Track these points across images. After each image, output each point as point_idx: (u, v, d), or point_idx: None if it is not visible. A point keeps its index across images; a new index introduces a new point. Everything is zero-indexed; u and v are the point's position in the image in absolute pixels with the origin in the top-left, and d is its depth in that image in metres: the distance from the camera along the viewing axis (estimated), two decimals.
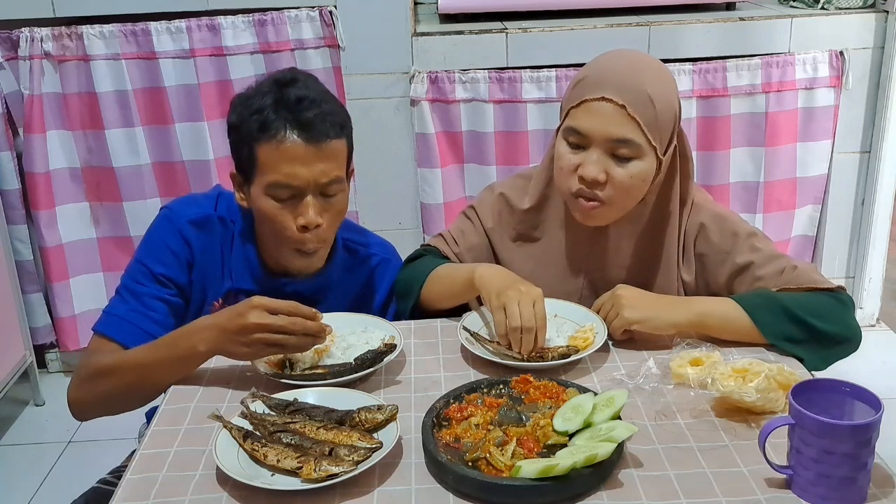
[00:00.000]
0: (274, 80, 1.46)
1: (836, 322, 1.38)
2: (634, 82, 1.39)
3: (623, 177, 1.41)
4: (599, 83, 1.40)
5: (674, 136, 1.45)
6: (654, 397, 1.27)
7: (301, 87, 1.43)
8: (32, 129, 2.65)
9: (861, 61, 2.77)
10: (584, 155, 1.42)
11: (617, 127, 1.39)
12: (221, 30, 2.63)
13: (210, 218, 1.55)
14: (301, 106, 1.41)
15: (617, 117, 1.38)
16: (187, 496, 1.11)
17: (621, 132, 1.39)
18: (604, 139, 1.40)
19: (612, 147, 1.40)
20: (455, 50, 2.68)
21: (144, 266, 1.51)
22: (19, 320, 2.75)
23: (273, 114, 1.41)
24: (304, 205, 1.43)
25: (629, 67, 1.42)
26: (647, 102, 1.38)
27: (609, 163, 1.41)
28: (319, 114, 1.42)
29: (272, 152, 1.41)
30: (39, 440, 2.67)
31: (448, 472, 1.09)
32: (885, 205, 2.92)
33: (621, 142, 1.39)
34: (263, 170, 1.42)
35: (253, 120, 1.42)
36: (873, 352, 2.89)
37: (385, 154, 2.77)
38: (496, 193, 1.63)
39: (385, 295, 1.67)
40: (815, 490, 1.04)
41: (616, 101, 1.38)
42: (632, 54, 1.49)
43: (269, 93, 1.43)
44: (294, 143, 1.40)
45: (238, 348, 1.31)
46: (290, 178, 1.41)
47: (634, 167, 1.41)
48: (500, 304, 1.36)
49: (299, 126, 1.40)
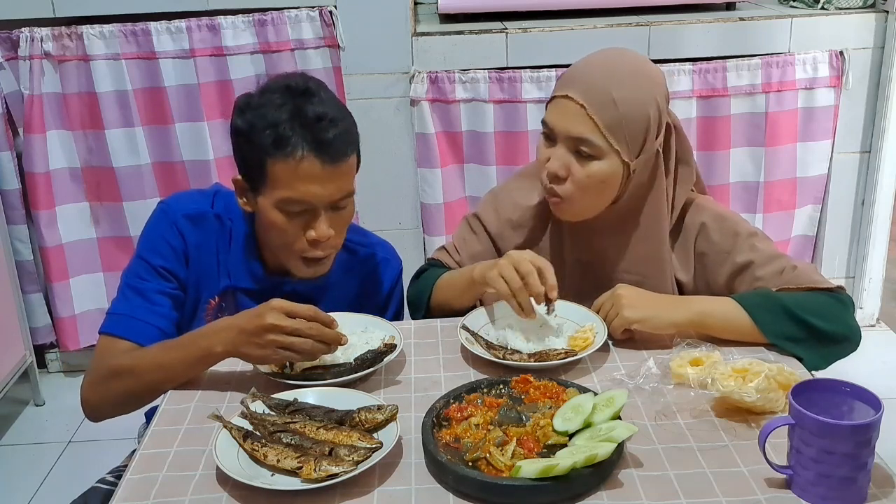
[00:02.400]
0: (286, 87, 1.41)
1: (835, 321, 1.38)
2: (602, 84, 1.41)
3: (580, 174, 1.44)
4: (570, 81, 1.45)
5: (648, 141, 1.45)
6: (654, 397, 1.27)
7: (318, 103, 1.40)
8: (32, 129, 2.65)
9: (861, 61, 2.77)
10: (552, 150, 1.46)
11: (575, 125, 1.42)
12: (221, 30, 2.63)
13: (206, 214, 1.55)
14: (320, 125, 1.38)
15: (577, 116, 1.42)
16: (187, 496, 1.11)
17: (579, 131, 1.42)
18: (565, 136, 1.44)
19: (573, 144, 1.43)
20: (455, 50, 2.68)
21: (144, 261, 1.51)
22: (19, 320, 2.75)
23: (290, 130, 1.37)
24: (318, 221, 1.42)
25: (604, 67, 1.44)
26: (610, 105, 1.40)
27: (571, 159, 1.44)
28: (339, 134, 1.39)
29: (287, 169, 1.38)
30: (39, 440, 2.67)
31: (448, 472, 1.09)
32: (885, 205, 2.92)
33: (580, 140, 1.42)
34: (276, 184, 1.40)
35: (266, 133, 1.38)
36: (873, 352, 2.89)
37: (385, 154, 2.77)
38: (499, 197, 1.64)
39: (385, 295, 1.67)
40: (815, 490, 1.04)
41: (577, 100, 1.41)
42: (616, 54, 1.49)
43: (284, 105, 1.39)
44: (312, 163, 1.37)
45: (252, 349, 1.31)
46: (304, 196, 1.39)
47: (593, 167, 1.43)
48: (496, 273, 1.40)
49: (318, 146, 1.37)
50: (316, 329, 1.29)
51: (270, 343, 1.29)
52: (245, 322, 1.31)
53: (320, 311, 1.31)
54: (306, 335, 1.29)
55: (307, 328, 1.29)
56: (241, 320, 1.32)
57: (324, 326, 1.30)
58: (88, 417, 1.47)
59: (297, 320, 1.29)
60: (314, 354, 1.32)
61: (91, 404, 1.46)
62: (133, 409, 1.45)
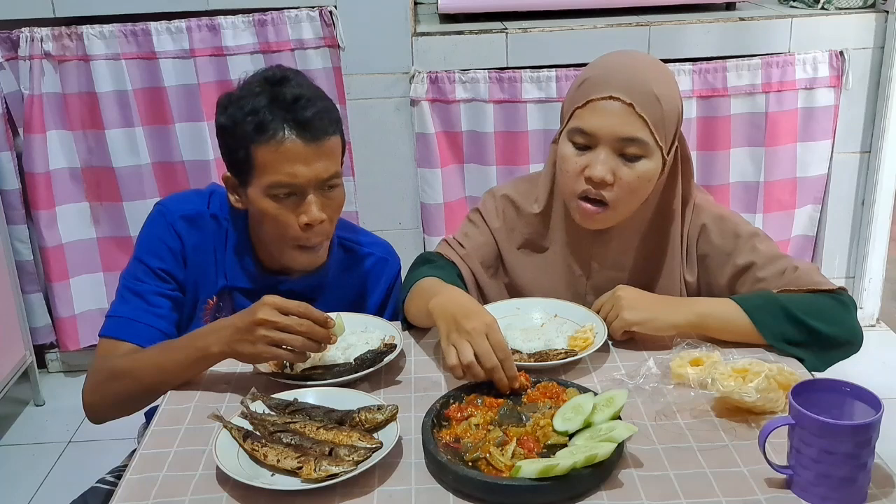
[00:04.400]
0: (263, 78, 1.45)
1: (836, 324, 1.38)
2: (641, 80, 1.39)
3: (630, 177, 1.40)
4: (605, 82, 1.39)
5: (676, 136, 1.45)
6: (654, 397, 1.27)
7: (295, 86, 1.43)
8: (32, 129, 2.65)
9: (861, 61, 2.77)
10: (590, 156, 1.41)
11: (625, 125, 1.38)
12: (221, 30, 2.62)
13: (202, 215, 1.55)
14: (298, 105, 1.40)
15: (625, 116, 1.38)
16: (187, 496, 1.11)
17: (629, 130, 1.38)
18: (612, 138, 1.39)
19: (619, 146, 1.39)
20: (455, 50, 2.68)
21: (142, 263, 1.51)
22: (19, 320, 2.75)
23: (269, 114, 1.40)
24: (307, 203, 1.43)
25: (634, 66, 1.42)
26: (654, 101, 1.38)
27: (616, 163, 1.40)
28: (317, 112, 1.41)
29: (271, 153, 1.40)
30: (39, 440, 2.67)
31: (448, 472, 1.09)
32: (885, 205, 2.92)
33: (629, 140, 1.39)
34: (262, 171, 1.42)
35: (248, 122, 1.41)
36: (873, 352, 2.88)
37: (385, 154, 2.76)
38: (499, 195, 1.63)
39: (382, 294, 1.67)
40: (815, 490, 1.04)
41: (623, 99, 1.37)
42: (634, 54, 1.50)
43: (262, 93, 1.42)
44: (294, 142, 1.40)
45: (245, 347, 1.30)
46: (291, 178, 1.41)
47: (642, 166, 1.40)
48: (449, 344, 1.26)
49: (298, 125, 1.40)
50: (307, 326, 1.29)
51: (262, 338, 1.28)
52: (238, 320, 1.31)
53: (313, 308, 1.30)
54: (296, 332, 1.28)
55: (298, 325, 1.28)
56: (236, 319, 1.32)
57: (316, 324, 1.29)
58: (90, 419, 1.48)
59: (290, 317, 1.28)
60: (304, 351, 1.31)
61: (92, 407, 1.46)
62: (133, 410, 1.46)
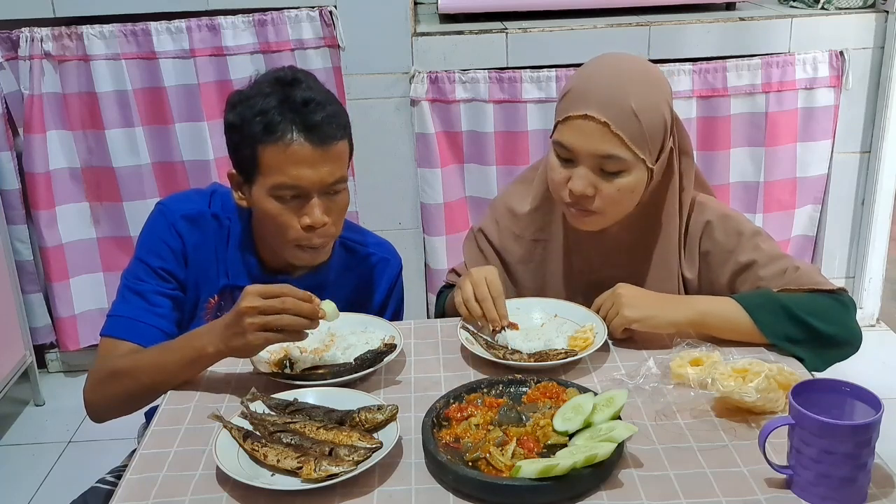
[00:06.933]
0: (275, 78, 1.44)
1: (836, 323, 1.38)
2: (618, 96, 1.37)
3: (611, 190, 1.41)
4: (583, 98, 1.39)
5: (666, 142, 1.44)
6: (654, 397, 1.27)
7: (305, 89, 1.43)
8: (32, 129, 2.65)
9: (861, 61, 2.77)
10: (573, 169, 1.42)
11: (601, 144, 1.38)
12: (221, 30, 2.62)
13: (203, 214, 1.55)
14: (308, 108, 1.40)
15: (600, 134, 1.37)
16: (187, 496, 1.11)
17: (605, 149, 1.38)
18: (589, 155, 1.39)
19: (598, 162, 1.40)
20: (455, 50, 2.68)
21: (143, 263, 1.51)
22: (19, 320, 2.75)
23: (278, 115, 1.40)
24: (310, 205, 1.43)
25: (613, 79, 1.40)
26: (631, 117, 1.37)
27: (596, 178, 1.40)
28: (326, 116, 1.41)
29: (278, 154, 1.40)
30: (39, 440, 2.67)
31: (448, 472, 1.09)
32: (885, 205, 2.92)
33: (607, 157, 1.39)
34: (268, 171, 1.42)
35: (257, 121, 1.40)
36: (873, 352, 2.89)
37: (385, 154, 2.77)
38: (496, 206, 1.64)
39: (384, 295, 1.67)
40: (815, 490, 1.04)
41: (598, 118, 1.37)
42: (617, 62, 1.46)
43: (273, 93, 1.42)
44: (301, 145, 1.39)
45: (236, 340, 1.29)
46: (296, 180, 1.41)
47: (622, 181, 1.41)
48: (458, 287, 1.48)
49: (306, 129, 1.40)
50: (290, 303, 1.27)
51: (250, 327, 1.27)
52: (226, 316, 1.31)
53: (294, 288, 1.29)
54: (281, 310, 1.27)
55: (281, 304, 1.27)
56: (225, 316, 1.32)
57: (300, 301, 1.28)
58: (91, 418, 1.49)
59: (272, 299, 1.27)
60: (296, 330, 1.29)
61: (93, 406, 1.47)
62: (134, 409, 1.46)
